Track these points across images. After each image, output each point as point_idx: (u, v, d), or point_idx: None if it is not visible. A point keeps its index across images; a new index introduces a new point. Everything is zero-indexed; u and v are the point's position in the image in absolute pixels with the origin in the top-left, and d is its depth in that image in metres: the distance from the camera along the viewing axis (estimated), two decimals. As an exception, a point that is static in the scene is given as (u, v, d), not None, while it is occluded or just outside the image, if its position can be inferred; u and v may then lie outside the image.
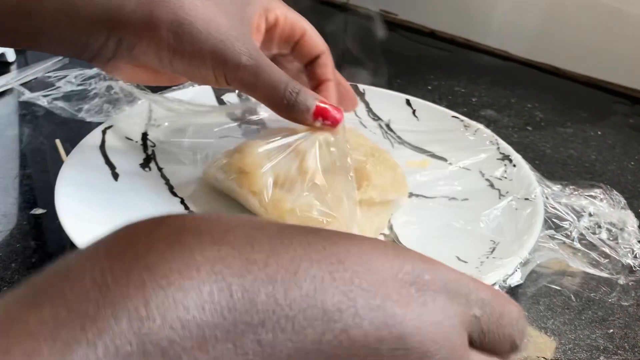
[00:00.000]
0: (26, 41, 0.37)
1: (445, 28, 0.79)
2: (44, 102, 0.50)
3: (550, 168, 0.52)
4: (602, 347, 0.34)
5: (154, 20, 0.34)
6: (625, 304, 0.37)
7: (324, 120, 0.37)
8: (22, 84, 0.64)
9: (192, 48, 0.34)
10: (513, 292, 0.37)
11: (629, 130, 0.59)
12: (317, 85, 0.41)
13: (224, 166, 0.40)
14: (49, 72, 0.67)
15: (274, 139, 0.39)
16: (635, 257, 0.38)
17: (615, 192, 0.42)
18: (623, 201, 0.41)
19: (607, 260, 0.38)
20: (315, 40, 0.40)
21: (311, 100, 0.37)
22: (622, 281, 0.37)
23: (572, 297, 0.37)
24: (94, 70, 0.52)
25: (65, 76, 0.53)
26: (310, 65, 0.41)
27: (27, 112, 0.59)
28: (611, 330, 0.35)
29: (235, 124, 0.47)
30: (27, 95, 0.51)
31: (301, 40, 0.40)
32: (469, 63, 0.73)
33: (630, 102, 0.65)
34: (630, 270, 0.37)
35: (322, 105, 0.37)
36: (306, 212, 0.37)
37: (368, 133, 0.51)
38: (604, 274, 0.37)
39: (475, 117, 0.58)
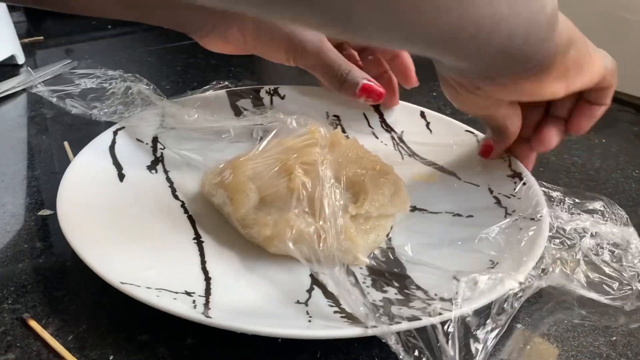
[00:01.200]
0: (147, 16, 0.45)
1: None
2: (52, 97, 0.50)
3: (555, 175, 0.52)
4: (604, 355, 0.34)
5: (242, 14, 0.43)
6: (635, 326, 0.36)
7: (368, 95, 0.45)
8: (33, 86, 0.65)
9: (270, 37, 0.45)
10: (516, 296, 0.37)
11: (633, 139, 0.59)
12: (392, 58, 0.51)
13: (213, 186, 0.41)
14: (72, 69, 0.67)
15: (264, 156, 0.40)
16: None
17: (617, 206, 0.41)
18: (625, 216, 0.40)
19: (613, 285, 0.37)
20: None
21: (359, 78, 0.45)
22: (628, 307, 0.36)
23: (576, 304, 0.37)
24: (117, 72, 0.52)
25: (88, 74, 0.52)
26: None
27: (36, 114, 0.59)
28: (614, 338, 0.35)
29: (244, 124, 0.47)
30: (39, 89, 0.50)
31: None
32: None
33: (635, 111, 0.65)
34: (638, 296, 0.36)
35: (368, 82, 0.45)
36: (295, 229, 0.36)
37: (379, 144, 0.50)
38: (611, 302, 0.36)
39: (480, 124, 0.59)
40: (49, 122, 0.58)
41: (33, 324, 0.33)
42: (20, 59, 0.70)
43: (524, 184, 0.43)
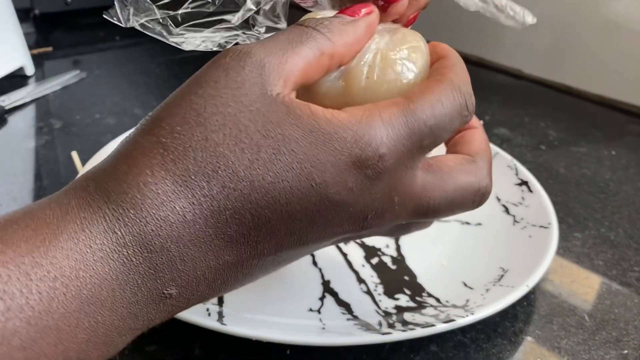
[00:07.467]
0: None
1: (458, 46, 0.79)
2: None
3: (564, 187, 0.51)
4: (616, 369, 0.33)
5: None
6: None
7: None
8: (42, 97, 0.65)
9: None
10: (526, 311, 0.37)
11: (643, 150, 0.59)
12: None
13: None
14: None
15: None
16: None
17: None
18: None
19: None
20: None
21: None
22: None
23: (586, 317, 0.37)
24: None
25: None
26: None
27: (45, 125, 0.60)
28: (625, 351, 0.35)
29: None
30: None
31: None
32: (481, 81, 0.74)
33: (644, 122, 0.65)
34: None
35: None
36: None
37: None
38: None
39: (489, 136, 0.58)
40: (56, 133, 0.58)
41: (40, 334, 0.33)
42: (30, 70, 0.70)
43: (531, 192, 0.44)
